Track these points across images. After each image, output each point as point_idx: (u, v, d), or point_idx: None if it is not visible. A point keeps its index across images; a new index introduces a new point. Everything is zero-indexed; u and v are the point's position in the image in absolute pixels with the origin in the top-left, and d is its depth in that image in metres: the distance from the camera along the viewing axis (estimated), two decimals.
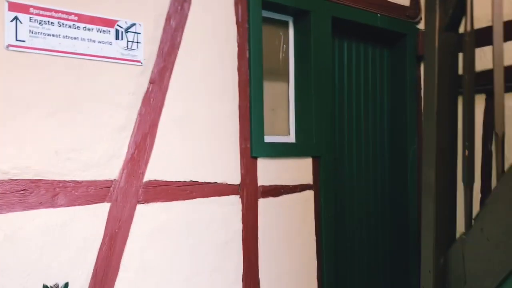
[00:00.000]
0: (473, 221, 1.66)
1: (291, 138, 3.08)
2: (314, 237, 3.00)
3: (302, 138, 3.04)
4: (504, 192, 1.48)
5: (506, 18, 2.05)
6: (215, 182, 2.52)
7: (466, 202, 1.68)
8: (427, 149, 1.82)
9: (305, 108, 3.03)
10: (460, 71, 1.74)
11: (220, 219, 2.54)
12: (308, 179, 2.98)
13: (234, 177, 2.59)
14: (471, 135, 1.65)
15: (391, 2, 3.39)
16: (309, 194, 2.98)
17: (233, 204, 2.59)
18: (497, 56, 1.51)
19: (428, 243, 1.82)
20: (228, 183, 2.57)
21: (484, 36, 2.05)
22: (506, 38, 1.81)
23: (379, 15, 3.30)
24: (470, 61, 1.62)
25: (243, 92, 2.64)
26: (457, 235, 1.78)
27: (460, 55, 1.74)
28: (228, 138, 2.58)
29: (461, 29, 1.76)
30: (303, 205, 2.94)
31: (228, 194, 2.56)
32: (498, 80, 1.51)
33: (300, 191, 2.92)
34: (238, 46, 2.63)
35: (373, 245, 3.58)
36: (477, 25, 1.73)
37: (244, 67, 2.65)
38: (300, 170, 2.94)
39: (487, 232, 1.55)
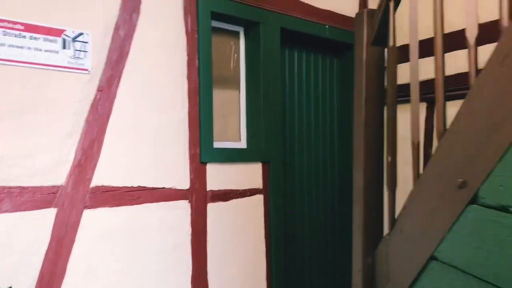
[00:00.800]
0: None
1: (241, 144, 3.17)
2: (263, 240, 3.10)
3: (252, 144, 3.15)
4: (418, 195, 1.61)
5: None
6: (164, 187, 2.58)
7: (390, 205, 1.80)
8: (356, 155, 1.95)
9: (255, 115, 3.13)
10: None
11: (169, 224, 2.60)
12: (258, 183, 3.08)
13: (183, 182, 2.67)
14: (394, 142, 1.78)
15: (339, 14, 3.54)
16: (259, 198, 3.08)
17: (182, 208, 2.66)
18: (413, 70, 1.64)
19: (358, 244, 1.94)
20: (177, 188, 2.64)
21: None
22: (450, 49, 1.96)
23: (327, 26, 3.44)
24: (392, 74, 1.75)
25: (192, 99, 2.72)
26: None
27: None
28: (177, 144, 2.65)
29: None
30: (253, 209, 3.04)
31: (177, 199, 2.64)
32: (414, 92, 1.64)
33: (249, 195, 3.02)
34: (188, 55, 2.71)
35: (323, 247, 3.70)
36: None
37: (193, 75, 2.73)
38: (250, 175, 3.04)
39: (405, 232, 1.68)
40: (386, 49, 1.89)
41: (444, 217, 1.45)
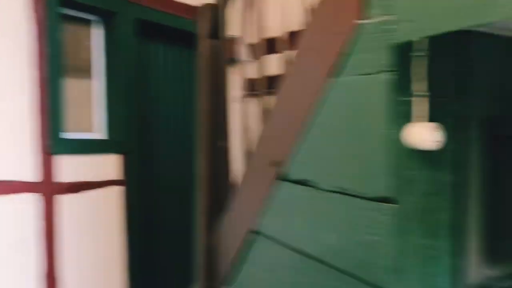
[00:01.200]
0: None
1: (98, 135, 3.13)
2: (122, 230, 3.10)
3: (109, 135, 3.12)
4: (245, 174, 1.77)
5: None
6: (8, 180, 2.48)
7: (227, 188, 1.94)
8: (198, 144, 2.06)
9: (112, 106, 3.11)
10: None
11: (15, 217, 2.50)
12: (116, 175, 3.07)
13: (31, 174, 2.58)
14: (226, 129, 1.91)
15: (197, 7, 3.63)
16: (117, 190, 3.07)
17: (29, 201, 2.57)
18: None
19: (200, 227, 2.06)
20: (24, 180, 2.54)
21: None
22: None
23: (185, 18, 3.51)
24: (220, 66, 1.88)
25: (42, 88, 2.63)
26: None
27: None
28: (25, 135, 2.55)
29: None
30: (110, 200, 3.03)
31: (23, 192, 2.54)
32: (244, 86, 1.79)
33: (106, 186, 3.00)
34: (38, 44, 2.62)
35: (184, 238, 3.78)
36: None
37: (43, 64, 2.64)
38: (106, 166, 3.02)
39: (235, 210, 1.83)
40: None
41: (263, 194, 1.61)
